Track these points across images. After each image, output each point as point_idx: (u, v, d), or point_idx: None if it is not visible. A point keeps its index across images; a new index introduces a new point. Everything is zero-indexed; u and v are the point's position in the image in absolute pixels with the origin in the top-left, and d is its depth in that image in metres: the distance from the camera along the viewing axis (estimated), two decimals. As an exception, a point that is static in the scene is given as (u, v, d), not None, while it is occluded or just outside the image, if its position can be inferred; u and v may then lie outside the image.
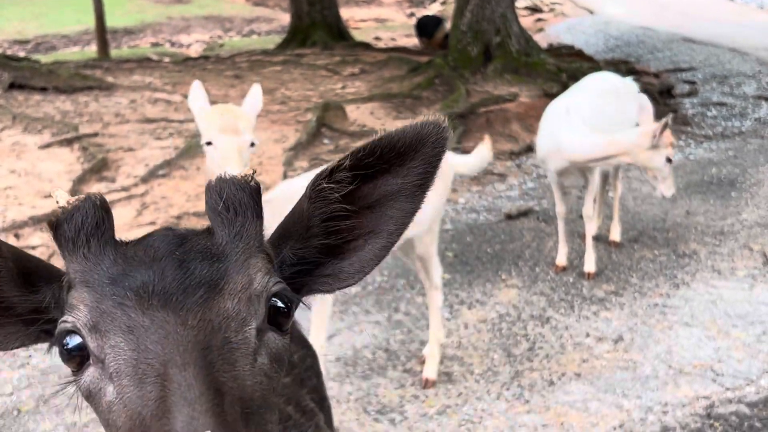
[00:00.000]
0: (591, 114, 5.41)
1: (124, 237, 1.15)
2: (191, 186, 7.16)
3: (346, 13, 18.28)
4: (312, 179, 1.11)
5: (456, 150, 7.49)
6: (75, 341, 1.05)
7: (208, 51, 16.73)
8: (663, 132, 5.03)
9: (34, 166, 7.64)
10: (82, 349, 1.05)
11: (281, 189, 3.76)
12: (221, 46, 17.70)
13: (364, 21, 20.73)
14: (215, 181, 1.11)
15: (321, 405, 2.24)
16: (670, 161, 5.21)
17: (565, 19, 19.40)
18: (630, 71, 11.45)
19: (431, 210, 4.19)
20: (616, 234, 6.28)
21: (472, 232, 6.58)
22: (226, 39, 19.05)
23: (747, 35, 15.66)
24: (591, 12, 20.13)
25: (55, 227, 1.08)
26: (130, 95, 10.55)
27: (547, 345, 4.80)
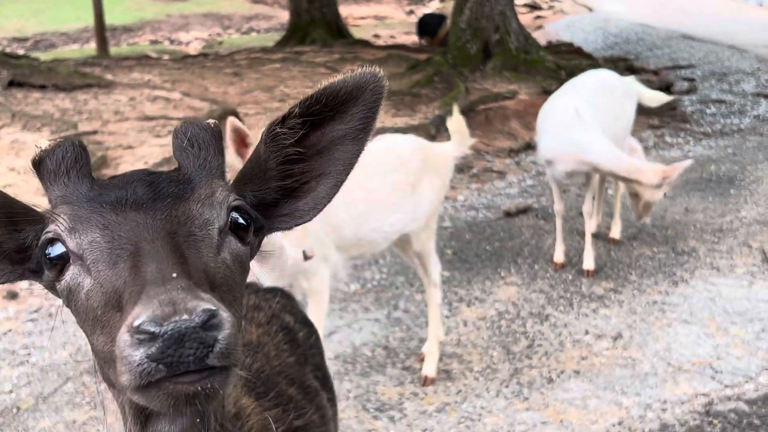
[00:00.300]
0: (595, 114, 5.41)
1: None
2: (190, 184, 7.15)
3: (345, 11, 18.27)
4: (266, 126, 1.24)
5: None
6: (56, 250, 1.16)
7: (207, 48, 16.73)
8: (675, 177, 5.20)
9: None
10: (62, 258, 1.16)
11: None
12: (220, 43, 17.69)
13: (363, 18, 20.73)
14: (181, 124, 1.27)
15: (324, 382, 2.26)
16: (665, 195, 5.37)
17: (564, 17, 19.41)
18: (629, 68, 11.46)
19: (427, 206, 4.19)
20: (616, 231, 6.28)
21: (471, 229, 6.59)
22: (225, 36, 19.04)
23: (746, 32, 15.66)
24: (590, 9, 20.14)
25: (39, 163, 1.22)
26: (129, 93, 10.54)
27: (546, 342, 4.80)
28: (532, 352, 4.70)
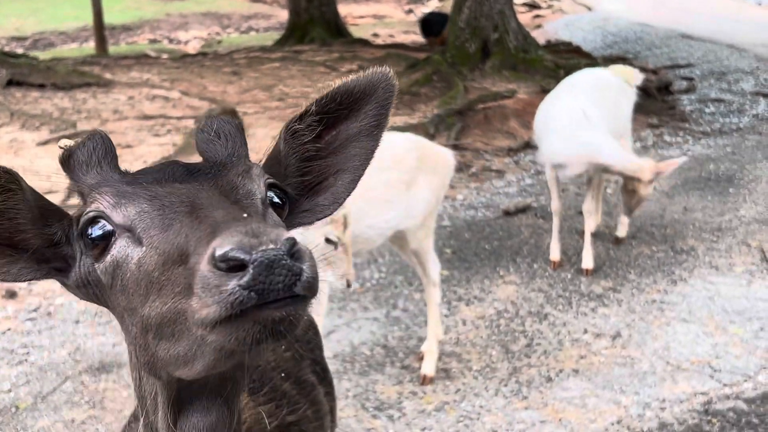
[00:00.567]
0: (599, 112, 5.41)
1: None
2: (189, 183, 7.15)
3: (344, 10, 18.26)
4: (285, 125, 1.28)
5: (454, 147, 7.49)
6: (97, 231, 1.16)
7: (206, 48, 16.72)
8: (669, 172, 5.23)
9: (32, 162, 7.63)
10: (104, 238, 1.16)
11: None
12: (219, 42, 17.68)
13: (362, 17, 20.72)
14: (205, 120, 1.30)
15: (323, 376, 2.26)
16: (654, 189, 5.45)
17: (563, 16, 19.41)
18: (628, 68, 11.45)
19: (423, 204, 4.19)
20: (622, 230, 6.22)
21: (470, 228, 6.59)
22: (224, 36, 19.03)
23: (745, 32, 15.66)
24: (589, 8, 20.13)
25: (68, 158, 1.25)
26: (128, 92, 10.54)
27: (545, 341, 4.81)
28: (531, 351, 4.70)
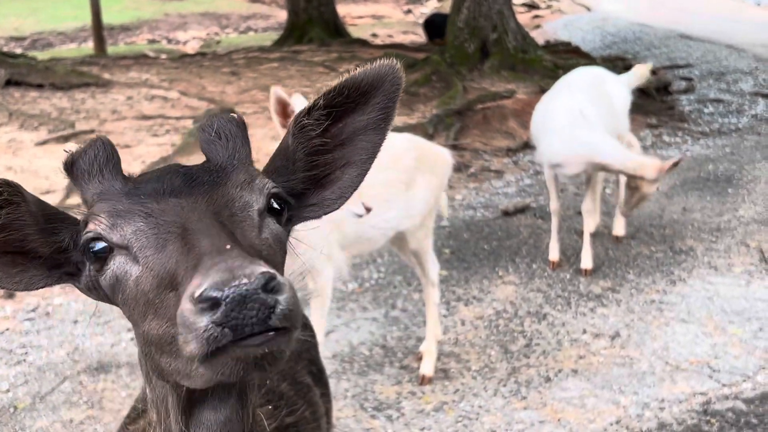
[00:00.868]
0: (596, 111, 5.41)
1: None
2: (188, 183, 7.14)
3: (342, 10, 18.26)
4: (293, 119, 1.28)
5: (453, 147, 7.48)
6: (100, 244, 1.18)
7: (204, 48, 16.71)
8: (671, 170, 5.19)
9: (30, 163, 7.63)
10: (104, 252, 1.18)
11: None
12: (218, 42, 17.67)
13: (360, 18, 20.72)
14: (207, 119, 1.30)
15: (319, 377, 2.25)
16: (657, 189, 5.44)
17: (562, 16, 19.41)
18: (627, 68, 11.45)
19: (422, 204, 4.19)
20: (620, 228, 6.24)
21: (469, 228, 6.58)
22: (222, 36, 19.03)
23: (744, 32, 15.67)
24: (588, 9, 20.14)
25: (71, 165, 1.24)
26: (126, 92, 10.53)
27: (544, 341, 4.80)
28: (529, 351, 4.70)
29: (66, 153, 1.26)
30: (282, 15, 19.41)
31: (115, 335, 4.75)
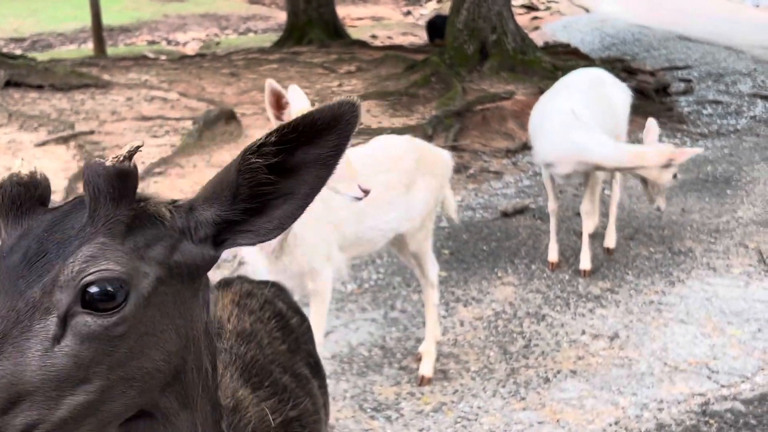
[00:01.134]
0: (590, 111, 5.41)
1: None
2: (188, 184, 7.16)
3: (342, 11, 18.27)
4: (241, 153, 1.22)
5: (452, 148, 7.49)
6: None
7: (204, 49, 16.72)
8: (683, 160, 5.16)
9: (30, 164, 7.62)
10: None
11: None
12: (218, 44, 17.69)
13: (360, 19, 20.73)
14: (84, 165, 1.22)
15: (316, 369, 2.26)
16: (675, 177, 5.32)
17: (561, 18, 19.43)
18: (626, 69, 11.48)
19: (422, 206, 4.19)
20: (611, 241, 6.12)
21: (468, 229, 6.59)
22: (222, 37, 19.04)
23: (743, 33, 15.69)
24: (587, 10, 20.15)
25: None
26: (126, 93, 10.54)
27: (543, 342, 4.81)
28: (528, 352, 4.71)
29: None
30: (282, 16, 19.43)
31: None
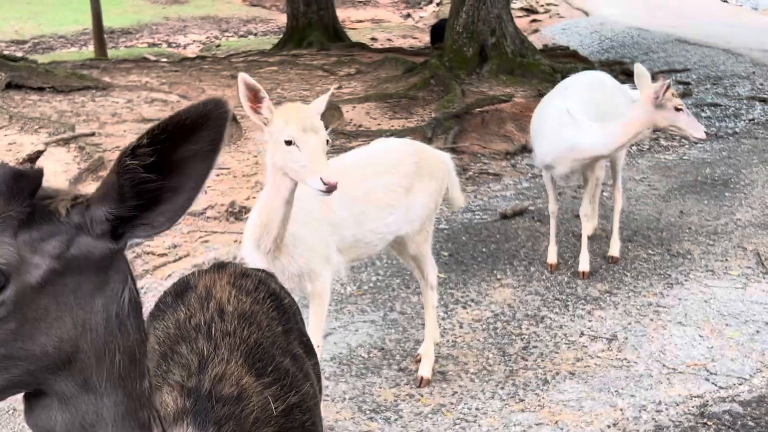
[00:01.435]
0: (587, 110, 5.42)
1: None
2: (187, 186, 7.16)
3: (342, 14, 18.29)
4: (118, 156, 1.27)
5: (451, 150, 7.50)
6: None
7: (204, 51, 16.74)
8: (665, 93, 5.04)
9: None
10: None
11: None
12: (218, 46, 17.70)
13: (360, 22, 20.75)
14: None
15: (308, 348, 2.27)
16: (680, 110, 5.18)
17: (560, 21, 19.44)
18: (624, 72, 11.49)
19: (422, 209, 4.21)
20: (615, 249, 6.00)
21: (467, 231, 6.61)
22: (222, 39, 19.06)
23: (741, 36, 15.70)
24: (586, 13, 20.15)
25: None
26: (126, 95, 10.55)
27: (542, 344, 4.83)
28: (527, 353, 4.73)
29: None
30: (282, 19, 19.44)
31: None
